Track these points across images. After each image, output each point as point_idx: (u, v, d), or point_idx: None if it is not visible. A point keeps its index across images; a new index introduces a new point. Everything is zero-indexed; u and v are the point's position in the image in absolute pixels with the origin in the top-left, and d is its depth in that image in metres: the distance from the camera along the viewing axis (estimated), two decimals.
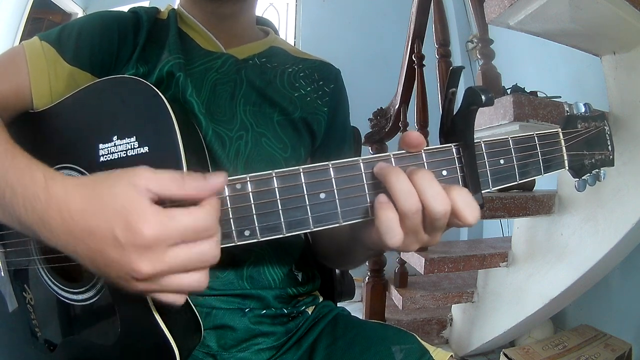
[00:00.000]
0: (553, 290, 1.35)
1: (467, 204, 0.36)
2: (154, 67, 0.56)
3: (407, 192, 0.36)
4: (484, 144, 0.40)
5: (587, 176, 0.44)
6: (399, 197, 0.36)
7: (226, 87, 0.60)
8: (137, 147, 0.41)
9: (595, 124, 0.45)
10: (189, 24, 0.63)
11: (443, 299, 1.64)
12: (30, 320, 0.51)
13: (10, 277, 0.53)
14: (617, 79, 1.18)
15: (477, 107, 0.37)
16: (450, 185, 0.37)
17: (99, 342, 0.45)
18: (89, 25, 0.56)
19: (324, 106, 0.66)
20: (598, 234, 1.23)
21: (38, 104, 0.52)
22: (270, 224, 0.37)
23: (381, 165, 0.38)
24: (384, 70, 2.52)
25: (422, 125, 1.57)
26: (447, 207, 0.36)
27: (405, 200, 0.36)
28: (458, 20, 2.88)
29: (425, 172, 0.36)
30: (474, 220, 0.37)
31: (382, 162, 0.38)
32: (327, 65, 0.71)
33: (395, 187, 0.36)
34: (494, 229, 2.35)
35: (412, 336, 0.58)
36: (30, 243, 0.49)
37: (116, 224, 0.32)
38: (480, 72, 1.45)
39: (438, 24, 1.54)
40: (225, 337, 0.56)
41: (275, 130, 0.61)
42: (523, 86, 1.37)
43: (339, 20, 3.12)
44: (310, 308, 0.65)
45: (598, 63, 1.26)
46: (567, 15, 1.01)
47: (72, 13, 2.95)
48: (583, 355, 1.33)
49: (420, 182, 0.36)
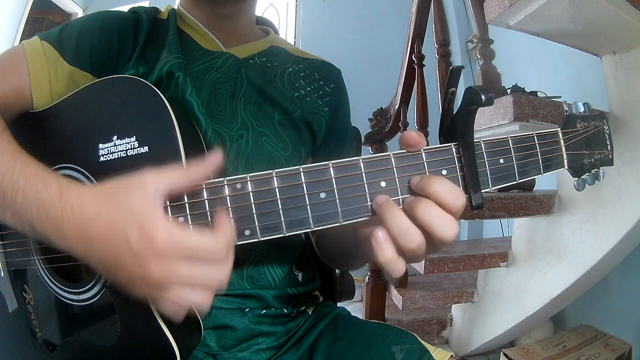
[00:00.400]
0: (553, 290, 1.35)
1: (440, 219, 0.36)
2: (153, 67, 0.56)
3: (406, 231, 0.36)
4: (483, 143, 0.40)
5: (587, 175, 0.44)
6: (399, 237, 0.36)
7: (226, 86, 0.60)
8: (137, 147, 0.42)
9: (594, 123, 0.45)
10: (189, 23, 0.63)
11: (443, 299, 1.64)
12: (30, 320, 0.51)
13: (10, 277, 0.53)
14: (617, 79, 1.18)
15: (477, 106, 0.37)
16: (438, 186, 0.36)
17: (99, 342, 0.45)
18: (89, 25, 0.56)
19: (324, 106, 0.66)
20: (598, 234, 1.22)
21: (38, 104, 0.52)
22: (270, 224, 0.38)
23: (378, 202, 0.37)
24: (384, 70, 2.52)
25: (422, 125, 1.57)
26: (456, 229, 0.36)
27: (406, 239, 0.36)
28: (458, 20, 2.88)
29: (424, 201, 0.36)
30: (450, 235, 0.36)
31: (380, 195, 0.37)
32: (327, 65, 0.71)
33: (393, 228, 0.36)
34: (494, 229, 2.35)
35: (412, 336, 0.58)
36: (30, 243, 0.49)
37: (131, 230, 0.34)
38: (480, 72, 1.46)
39: (438, 24, 1.54)
40: (225, 337, 0.56)
41: (276, 129, 0.61)
42: (523, 86, 1.37)
43: (339, 20, 3.13)
44: (311, 308, 0.65)
45: (598, 63, 1.26)
46: (567, 15, 1.01)
47: (72, 13, 2.95)
48: (583, 355, 1.33)
49: (422, 212, 0.36)
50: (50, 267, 0.48)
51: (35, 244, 0.49)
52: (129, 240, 0.33)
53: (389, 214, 0.36)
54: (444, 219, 0.36)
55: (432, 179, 0.37)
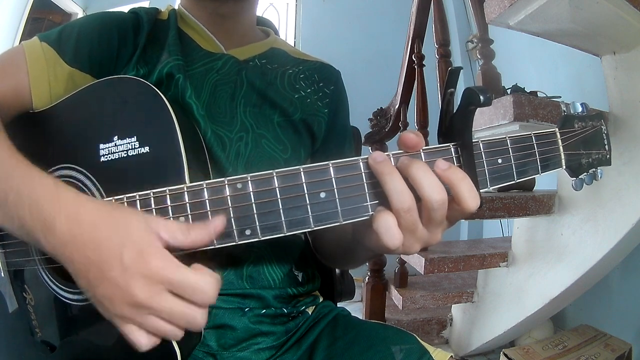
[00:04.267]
0: (553, 290, 1.35)
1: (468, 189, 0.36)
2: (153, 68, 0.56)
3: (399, 191, 0.36)
4: (482, 143, 0.40)
5: (585, 175, 0.44)
6: (392, 196, 0.36)
7: (226, 88, 0.60)
8: (137, 147, 0.42)
9: (592, 123, 0.45)
10: (190, 24, 0.63)
11: (443, 299, 1.64)
12: (30, 320, 0.51)
13: (10, 277, 0.53)
14: (617, 79, 1.18)
15: (476, 107, 0.37)
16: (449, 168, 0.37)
17: (99, 342, 0.45)
18: (89, 26, 0.56)
19: (324, 108, 0.66)
20: (598, 234, 1.22)
21: (37, 105, 0.52)
22: (271, 223, 0.38)
23: (375, 159, 0.37)
24: (384, 70, 2.52)
25: (422, 125, 1.58)
26: (444, 195, 0.36)
27: (398, 199, 0.36)
28: (458, 20, 2.88)
29: (419, 163, 0.37)
30: (475, 204, 0.37)
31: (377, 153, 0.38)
32: (327, 67, 0.71)
33: (387, 186, 0.36)
34: (494, 229, 2.35)
35: (412, 336, 0.58)
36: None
37: (128, 249, 0.34)
38: (480, 72, 1.46)
39: (438, 24, 1.54)
40: (225, 337, 0.56)
41: (276, 131, 0.61)
42: (523, 86, 1.37)
43: (339, 20, 3.12)
44: (310, 308, 0.65)
45: (598, 63, 1.26)
46: (567, 15, 1.01)
47: (72, 13, 2.96)
48: (583, 355, 1.33)
49: (415, 173, 0.36)
50: (51, 267, 0.48)
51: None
52: (122, 255, 0.33)
53: (385, 174, 0.36)
54: (435, 183, 0.36)
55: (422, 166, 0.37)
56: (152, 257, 0.34)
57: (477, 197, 0.37)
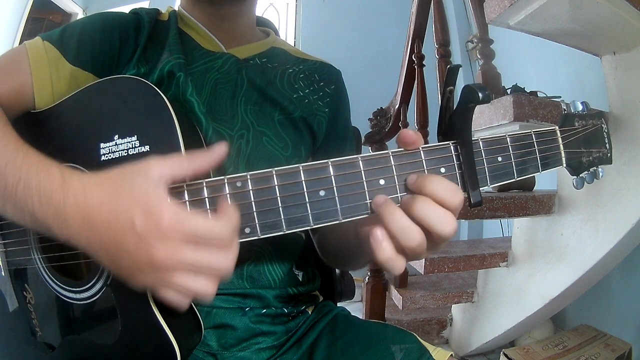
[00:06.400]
0: (553, 290, 1.35)
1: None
2: (154, 67, 0.56)
3: (406, 229, 0.36)
4: (481, 141, 0.40)
5: (585, 174, 0.44)
6: (399, 235, 0.36)
7: (227, 86, 0.60)
8: (138, 146, 0.42)
9: (592, 122, 0.45)
10: (190, 24, 0.63)
11: (443, 299, 1.64)
12: (31, 319, 0.51)
13: (10, 276, 0.53)
14: (617, 79, 1.18)
15: (475, 104, 0.37)
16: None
17: (99, 341, 0.45)
18: (91, 26, 0.56)
19: (325, 107, 0.66)
20: (598, 234, 1.22)
21: (40, 104, 0.52)
22: (270, 221, 0.38)
23: (377, 202, 0.37)
24: (384, 70, 2.52)
25: (422, 125, 1.58)
26: (455, 225, 0.36)
27: (406, 237, 0.36)
28: (458, 20, 2.88)
29: (421, 199, 0.36)
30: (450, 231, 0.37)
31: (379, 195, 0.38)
32: (327, 67, 0.71)
33: (392, 226, 0.36)
34: (494, 229, 2.35)
35: (411, 335, 0.58)
36: (30, 242, 0.49)
37: (136, 213, 0.33)
38: (480, 72, 1.46)
39: (438, 24, 1.54)
40: (225, 336, 0.56)
41: (276, 129, 0.61)
42: (523, 86, 1.37)
43: (339, 20, 3.13)
44: (311, 308, 0.65)
45: (598, 63, 1.26)
46: (567, 15, 1.01)
47: (72, 13, 2.96)
48: (583, 355, 1.33)
49: (420, 210, 0.36)
50: (51, 266, 0.49)
51: (36, 243, 0.49)
52: (133, 223, 0.33)
53: (388, 213, 0.36)
54: (443, 215, 0.36)
55: (428, 177, 0.37)
56: (161, 216, 0.33)
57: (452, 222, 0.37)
